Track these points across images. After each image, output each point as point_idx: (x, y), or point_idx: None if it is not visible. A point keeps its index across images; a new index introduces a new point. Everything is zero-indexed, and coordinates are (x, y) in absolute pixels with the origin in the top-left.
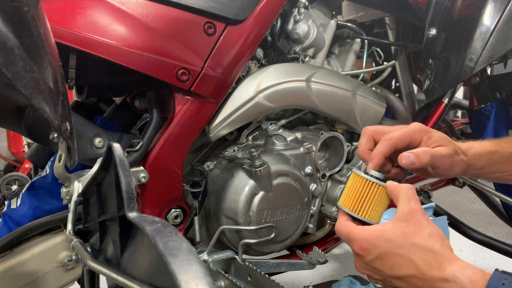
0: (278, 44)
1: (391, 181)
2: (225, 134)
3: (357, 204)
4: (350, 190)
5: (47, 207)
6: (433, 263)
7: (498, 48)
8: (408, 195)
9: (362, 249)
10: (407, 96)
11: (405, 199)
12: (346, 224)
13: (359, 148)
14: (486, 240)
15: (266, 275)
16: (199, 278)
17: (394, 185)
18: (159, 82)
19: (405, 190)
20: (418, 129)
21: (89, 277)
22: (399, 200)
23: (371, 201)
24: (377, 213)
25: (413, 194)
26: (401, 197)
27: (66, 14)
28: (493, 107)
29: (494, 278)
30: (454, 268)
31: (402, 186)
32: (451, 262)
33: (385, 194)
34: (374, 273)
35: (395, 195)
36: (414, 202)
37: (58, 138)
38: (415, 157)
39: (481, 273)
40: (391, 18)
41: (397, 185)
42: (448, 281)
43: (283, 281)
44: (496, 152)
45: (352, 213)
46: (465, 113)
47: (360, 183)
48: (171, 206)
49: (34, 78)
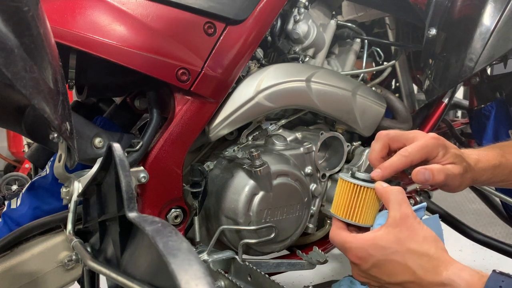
0: (278, 44)
1: (380, 183)
2: (225, 134)
3: (348, 210)
4: (339, 196)
5: (47, 207)
6: (429, 268)
7: (498, 48)
8: (399, 199)
9: (358, 258)
10: (407, 96)
11: (395, 204)
12: (339, 234)
13: (371, 153)
14: (486, 240)
15: (266, 275)
16: (199, 278)
17: (384, 188)
18: (159, 82)
19: (395, 195)
20: (435, 144)
21: (89, 277)
22: (390, 205)
23: (362, 204)
24: (370, 216)
25: (403, 197)
26: (392, 202)
27: (66, 14)
28: (493, 107)
29: (491, 280)
30: (451, 272)
31: (392, 190)
32: (447, 266)
33: (376, 195)
34: (372, 280)
35: (385, 199)
36: (405, 206)
37: (58, 138)
38: (430, 174)
39: (478, 275)
40: (391, 18)
41: (387, 189)
42: (445, 285)
43: (283, 281)
44: (500, 165)
45: (345, 219)
46: (465, 113)
47: (348, 188)
48: (171, 206)
49: (34, 78)
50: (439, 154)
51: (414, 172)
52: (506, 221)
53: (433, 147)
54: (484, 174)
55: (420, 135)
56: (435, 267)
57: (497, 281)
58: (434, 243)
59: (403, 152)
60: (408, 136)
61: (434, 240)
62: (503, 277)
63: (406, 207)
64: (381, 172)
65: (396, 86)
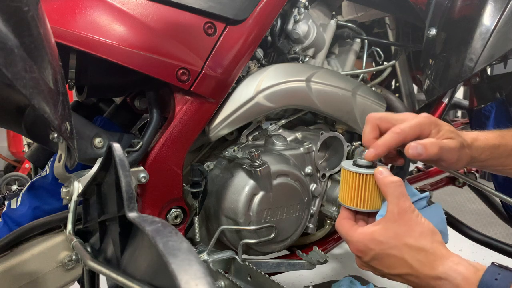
0: (278, 44)
1: (379, 171)
2: (225, 134)
3: (354, 198)
4: (344, 185)
5: (47, 207)
6: (426, 262)
7: (498, 48)
8: (397, 193)
9: (359, 251)
10: (407, 96)
11: (394, 198)
12: (343, 224)
13: (363, 136)
14: (486, 240)
15: (266, 275)
16: (199, 278)
17: (382, 179)
18: (159, 82)
19: (393, 188)
20: (428, 122)
21: (89, 277)
22: (388, 198)
23: (365, 191)
24: (375, 200)
25: (401, 191)
26: (390, 196)
27: (66, 14)
28: (493, 107)
29: (487, 273)
30: (447, 266)
31: (391, 183)
32: (443, 260)
33: None
34: (374, 270)
35: (384, 192)
36: (403, 200)
37: (58, 138)
38: (423, 148)
39: (474, 268)
40: (391, 18)
41: (385, 181)
42: (442, 279)
43: (283, 281)
44: (499, 146)
45: (352, 207)
46: (465, 113)
47: (351, 177)
48: (171, 206)
49: (34, 78)
50: (432, 131)
51: (406, 147)
52: (506, 221)
53: (426, 124)
54: (482, 152)
55: (410, 116)
56: (431, 261)
57: (493, 274)
58: (430, 238)
59: (395, 129)
60: (398, 117)
61: (430, 235)
62: (500, 269)
63: (404, 201)
64: (374, 151)
65: (396, 86)
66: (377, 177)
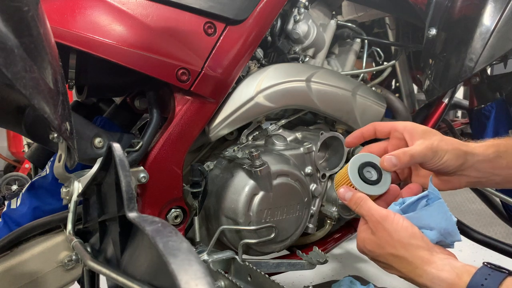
0: (278, 44)
1: (342, 196)
2: (225, 134)
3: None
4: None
5: (47, 207)
6: (410, 270)
7: (498, 48)
8: (366, 207)
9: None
10: (407, 96)
11: (366, 213)
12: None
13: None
14: (486, 240)
15: (266, 275)
16: (199, 278)
17: (351, 201)
18: (159, 82)
19: (361, 206)
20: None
21: (89, 277)
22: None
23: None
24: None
25: (370, 205)
26: (363, 213)
27: (66, 14)
28: (493, 107)
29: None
30: (430, 275)
31: (357, 200)
32: (424, 268)
33: None
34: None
35: (357, 212)
36: (374, 210)
37: (58, 138)
38: (396, 159)
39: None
40: (391, 18)
41: (351, 204)
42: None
43: (283, 281)
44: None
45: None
46: (465, 113)
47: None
48: (171, 206)
49: (34, 78)
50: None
51: (381, 160)
52: (506, 221)
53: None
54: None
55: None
56: (413, 270)
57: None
58: (407, 245)
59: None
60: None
61: (408, 243)
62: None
63: (375, 211)
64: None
65: (396, 86)
66: (344, 201)
